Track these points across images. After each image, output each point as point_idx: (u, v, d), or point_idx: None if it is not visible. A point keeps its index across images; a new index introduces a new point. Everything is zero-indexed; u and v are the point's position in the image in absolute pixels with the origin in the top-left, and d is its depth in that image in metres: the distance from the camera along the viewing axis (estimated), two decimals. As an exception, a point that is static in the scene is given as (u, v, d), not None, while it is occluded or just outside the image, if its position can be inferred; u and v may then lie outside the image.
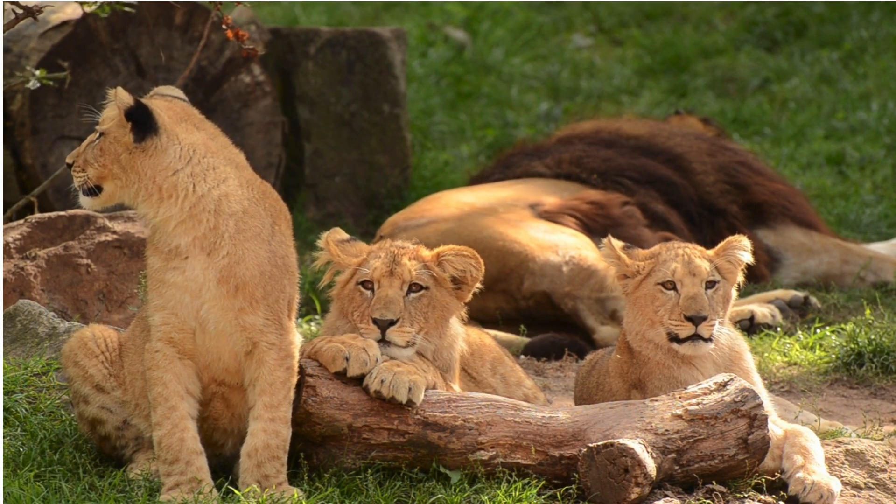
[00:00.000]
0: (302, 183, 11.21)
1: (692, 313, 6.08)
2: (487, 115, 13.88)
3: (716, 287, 6.14)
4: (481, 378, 6.40)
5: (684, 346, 6.10)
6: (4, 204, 9.50)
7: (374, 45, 11.30)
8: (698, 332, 6.08)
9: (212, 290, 5.60)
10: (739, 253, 6.22)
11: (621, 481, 5.65)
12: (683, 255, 6.17)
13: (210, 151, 5.66)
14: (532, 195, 9.47)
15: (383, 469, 5.81)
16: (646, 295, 6.17)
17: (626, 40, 15.82)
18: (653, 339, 6.17)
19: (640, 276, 6.19)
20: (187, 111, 5.74)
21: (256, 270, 5.61)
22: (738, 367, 6.17)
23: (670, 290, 6.14)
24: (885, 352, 7.89)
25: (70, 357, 6.01)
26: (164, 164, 5.61)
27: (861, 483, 5.99)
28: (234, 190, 5.64)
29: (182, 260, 5.61)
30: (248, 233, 5.62)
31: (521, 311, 8.90)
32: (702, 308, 6.07)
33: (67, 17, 9.82)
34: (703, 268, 6.14)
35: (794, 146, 13.17)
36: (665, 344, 6.14)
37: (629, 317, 6.24)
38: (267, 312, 5.63)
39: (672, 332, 6.11)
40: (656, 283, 6.16)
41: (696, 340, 6.10)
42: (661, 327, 6.13)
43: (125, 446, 5.98)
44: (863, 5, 15.59)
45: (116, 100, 5.61)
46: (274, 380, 5.65)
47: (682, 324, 6.10)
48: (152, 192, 5.62)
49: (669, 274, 6.14)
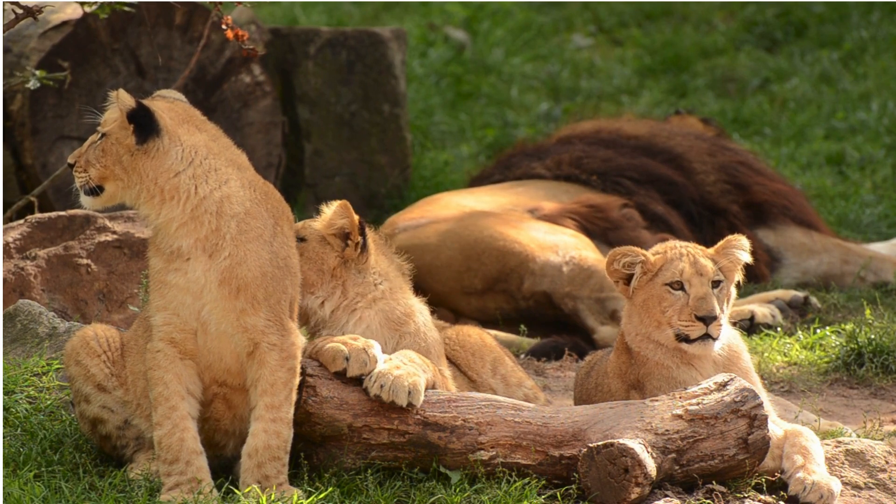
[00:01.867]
0: (302, 183, 11.21)
1: (704, 314, 6.08)
2: (487, 115, 13.88)
3: (720, 287, 6.15)
4: (482, 379, 6.41)
5: (694, 346, 6.10)
6: (4, 204, 9.50)
7: (374, 45, 11.30)
8: (709, 332, 6.08)
9: (213, 292, 5.60)
10: (739, 252, 6.22)
11: (621, 481, 5.65)
12: (689, 254, 6.16)
13: (212, 153, 5.66)
14: (531, 199, 9.47)
15: (383, 469, 5.81)
16: (653, 296, 6.16)
17: (626, 40, 15.82)
18: (658, 340, 6.16)
19: (646, 276, 6.18)
20: (189, 113, 5.74)
21: (258, 272, 5.61)
22: (736, 367, 6.17)
23: (678, 291, 6.13)
24: (885, 352, 7.89)
25: (72, 356, 6.02)
26: (166, 165, 5.62)
27: (861, 483, 5.99)
28: (235, 191, 5.64)
29: (184, 261, 5.61)
30: (249, 234, 5.62)
31: (522, 312, 8.90)
32: (712, 308, 6.07)
33: (67, 17, 9.83)
34: (709, 267, 6.14)
35: (794, 146, 13.17)
36: (672, 344, 6.13)
37: (631, 318, 6.22)
38: (268, 313, 5.63)
39: (682, 333, 6.10)
40: (663, 283, 6.15)
41: (707, 340, 6.10)
42: (668, 328, 6.12)
43: (126, 446, 5.98)
44: (863, 5, 15.58)
45: (118, 102, 5.61)
46: (275, 380, 5.65)
47: (692, 324, 6.09)
48: (154, 194, 5.62)
49: (678, 274, 6.13)
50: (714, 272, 6.14)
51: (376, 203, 11.34)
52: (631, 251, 6.20)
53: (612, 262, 6.23)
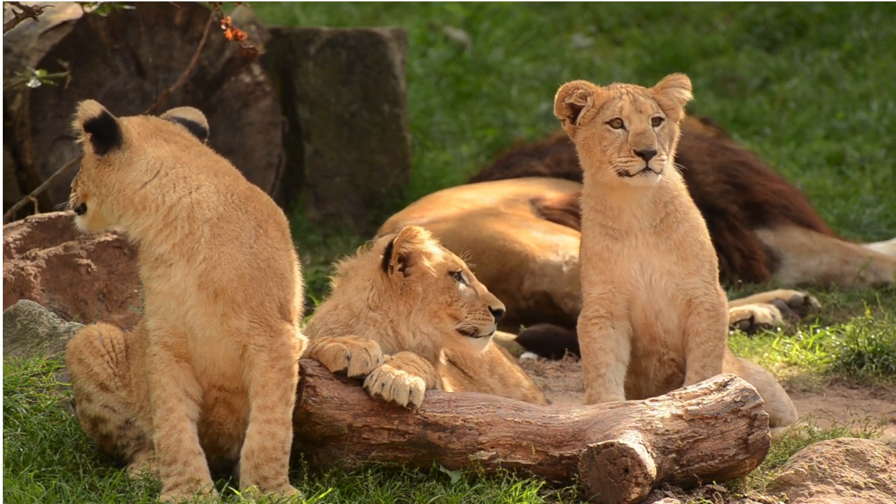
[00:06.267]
0: (302, 183, 11.21)
1: (642, 148, 6.15)
2: (487, 115, 13.88)
3: (661, 125, 6.19)
4: (479, 378, 6.40)
5: (636, 178, 6.16)
6: (4, 204, 9.51)
7: (374, 45, 11.30)
8: (650, 166, 6.13)
9: (193, 297, 5.63)
10: (679, 90, 6.29)
11: (621, 481, 5.65)
12: (627, 93, 6.22)
13: (180, 162, 5.70)
14: (533, 191, 9.48)
15: (383, 469, 5.81)
16: (593, 135, 6.22)
17: (626, 40, 15.82)
18: (601, 181, 6.23)
19: (588, 115, 6.21)
20: (160, 126, 5.78)
21: (234, 274, 5.62)
22: (672, 205, 6.25)
23: (618, 129, 6.18)
24: (886, 352, 7.89)
25: (75, 354, 6.03)
26: (132, 177, 5.66)
27: (861, 483, 5.99)
28: (207, 197, 5.67)
29: (167, 267, 5.65)
30: (223, 237, 5.64)
31: (522, 311, 8.89)
32: (651, 143, 6.14)
33: (67, 17, 9.83)
34: (648, 104, 6.22)
35: (794, 146, 13.17)
36: (616, 182, 6.18)
37: (583, 163, 6.30)
38: (251, 316, 5.64)
39: (622, 169, 6.15)
40: (603, 122, 6.21)
41: (648, 173, 6.15)
42: (609, 167, 6.18)
43: (126, 446, 5.99)
44: (863, 5, 15.59)
45: (80, 112, 5.66)
46: (266, 381, 5.65)
47: (632, 159, 6.16)
48: (127, 207, 5.67)
49: (617, 111, 6.19)
50: (654, 110, 6.18)
51: (376, 203, 11.34)
52: (584, 84, 6.25)
53: (564, 96, 6.30)
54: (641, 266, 6.28)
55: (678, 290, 6.28)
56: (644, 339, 6.35)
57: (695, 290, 6.27)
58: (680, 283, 6.27)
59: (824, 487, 5.92)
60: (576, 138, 6.30)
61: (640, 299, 6.30)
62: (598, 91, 6.24)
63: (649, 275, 6.28)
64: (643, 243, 6.28)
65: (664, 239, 6.28)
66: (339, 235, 11.13)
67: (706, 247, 6.33)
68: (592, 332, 6.34)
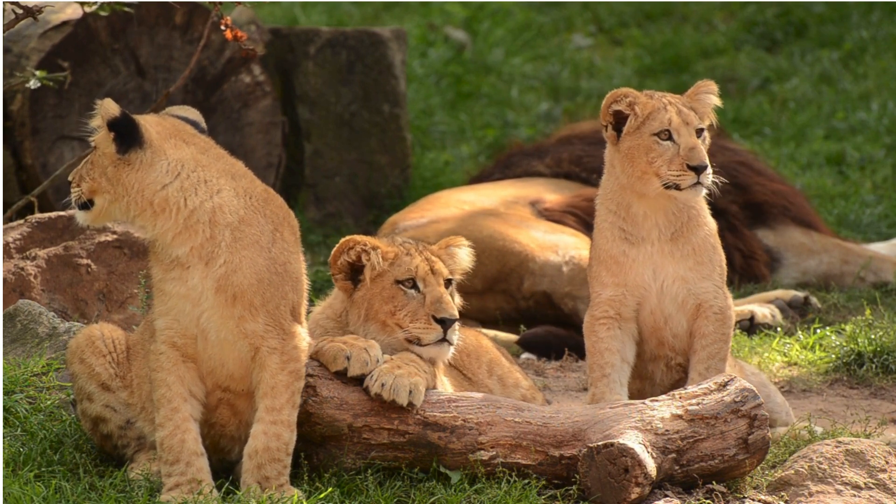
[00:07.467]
0: (302, 183, 11.21)
1: (697, 163, 6.12)
2: (487, 115, 13.88)
3: (703, 136, 6.21)
4: (478, 379, 6.40)
5: (685, 192, 6.15)
6: (4, 204, 9.51)
7: (374, 45, 11.30)
8: (700, 181, 6.13)
9: (210, 300, 5.62)
10: (710, 96, 6.28)
11: (621, 481, 5.65)
12: (671, 103, 6.20)
13: (200, 165, 5.68)
14: (533, 192, 9.48)
15: (383, 469, 5.81)
16: (639, 145, 6.18)
17: (626, 40, 15.82)
18: (642, 191, 6.20)
19: (633, 125, 6.18)
20: (178, 127, 5.75)
21: (254, 278, 5.62)
22: (693, 210, 6.26)
23: (666, 141, 6.16)
24: (885, 352, 7.89)
25: (76, 353, 6.02)
26: (152, 178, 5.64)
27: (861, 483, 5.99)
28: (228, 201, 5.66)
29: (184, 270, 5.64)
30: (244, 241, 5.64)
31: (522, 311, 8.90)
32: (704, 158, 6.14)
33: (67, 17, 9.83)
34: (692, 116, 6.21)
35: (794, 146, 13.17)
36: (659, 193, 6.16)
37: (612, 169, 6.25)
38: (267, 319, 5.64)
39: (671, 182, 6.13)
40: (651, 133, 6.17)
41: (697, 187, 6.16)
42: (656, 179, 6.16)
43: (127, 446, 5.99)
44: (863, 5, 15.59)
45: (101, 110, 5.63)
46: (276, 383, 5.66)
47: (684, 173, 6.13)
48: (144, 207, 5.64)
49: (665, 123, 6.16)
50: (697, 120, 6.19)
51: (376, 203, 11.34)
52: (631, 92, 6.22)
53: (612, 102, 6.25)
54: (654, 272, 6.27)
55: (689, 294, 6.27)
56: (651, 343, 6.34)
57: (705, 294, 6.27)
58: (692, 288, 6.27)
59: (824, 487, 5.92)
60: (619, 147, 6.22)
61: (650, 303, 6.29)
62: (644, 101, 6.20)
63: (661, 280, 6.27)
64: (658, 251, 6.27)
65: (680, 246, 6.27)
66: (339, 235, 11.09)
67: (718, 251, 6.33)
68: (600, 331, 6.32)
